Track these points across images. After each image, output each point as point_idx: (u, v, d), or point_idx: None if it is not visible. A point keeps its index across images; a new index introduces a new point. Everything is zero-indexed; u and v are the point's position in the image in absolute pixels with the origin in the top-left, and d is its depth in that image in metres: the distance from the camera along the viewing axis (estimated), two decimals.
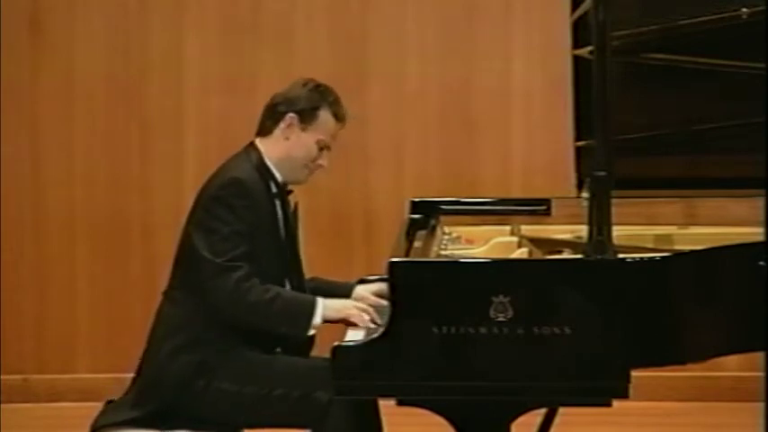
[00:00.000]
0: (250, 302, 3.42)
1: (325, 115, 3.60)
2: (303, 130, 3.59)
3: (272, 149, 3.61)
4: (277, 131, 3.61)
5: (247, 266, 3.43)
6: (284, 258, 3.59)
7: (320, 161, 3.63)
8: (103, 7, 5.62)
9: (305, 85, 3.63)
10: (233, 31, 5.60)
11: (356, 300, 3.58)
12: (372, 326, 3.38)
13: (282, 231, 3.60)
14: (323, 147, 3.61)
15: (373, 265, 4.27)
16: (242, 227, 3.45)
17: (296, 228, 3.67)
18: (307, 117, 3.59)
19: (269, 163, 3.59)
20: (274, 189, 3.59)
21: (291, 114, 3.59)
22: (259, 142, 3.63)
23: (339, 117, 3.63)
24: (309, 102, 3.59)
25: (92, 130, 5.64)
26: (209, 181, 3.58)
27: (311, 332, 3.47)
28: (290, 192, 3.66)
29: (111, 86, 5.63)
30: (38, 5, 5.61)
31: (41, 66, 5.62)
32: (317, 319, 3.44)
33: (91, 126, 5.64)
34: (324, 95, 3.61)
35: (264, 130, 3.63)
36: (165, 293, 3.62)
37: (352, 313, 3.44)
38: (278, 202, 3.60)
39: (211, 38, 5.62)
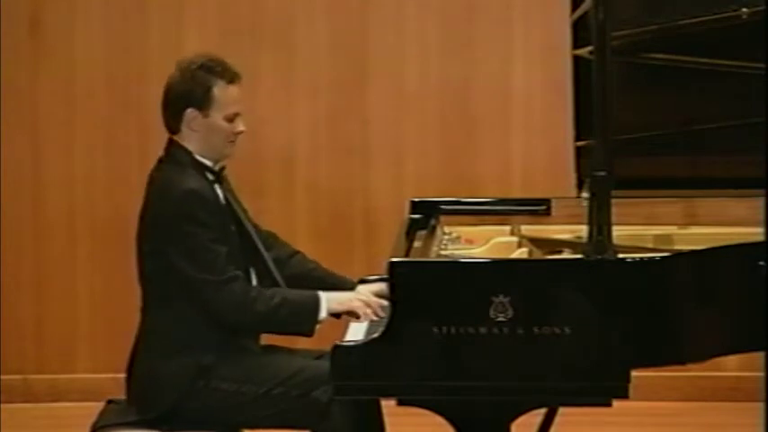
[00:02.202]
0: (258, 312, 3.41)
1: (220, 91, 3.51)
2: (206, 116, 3.51)
3: (190, 144, 3.53)
4: (184, 128, 3.53)
5: (240, 273, 3.44)
6: (240, 244, 3.56)
7: (238, 129, 3.55)
8: (103, 7, 5.62)
9: (187, 69, 3.54)
10: (233, 31, 5.59)
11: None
12: (376, 318, 3.39)
13: (230, 216, 3.56)
14: (232, 118, 3.54)
15: (373, 265, 4.26)
16: (213, 233, 3.43)
17: (239, 203, 3.65)
18: (204, 103, 3.50)
19: (197, 156, 3.54)
20: (211, 177, 3.55)
21: (189, 109, 3.51)
22: (177, 139, 3.56)
23: (234, 80, 3.54)
24: (200, 86, 3.50)
25: (92, 130, 5.63)
26: (154, 197, 3.53)
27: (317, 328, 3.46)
28: (223, 168, 3.61)
29: (111, 86, 5.62)
30: (38, 5, 5.60)
31: (41, 66, 5.61)
32: (323, 314, 3.45)
33: (91, 126, 5.63)
34: (210, 71, 3.51)
35: (172, 128, 3.56)
36: (144, 310, 3.60)
37: (356, 306, 3.45)
38: (218, 188, 3.56)
39: (211, 38, 5.60)
